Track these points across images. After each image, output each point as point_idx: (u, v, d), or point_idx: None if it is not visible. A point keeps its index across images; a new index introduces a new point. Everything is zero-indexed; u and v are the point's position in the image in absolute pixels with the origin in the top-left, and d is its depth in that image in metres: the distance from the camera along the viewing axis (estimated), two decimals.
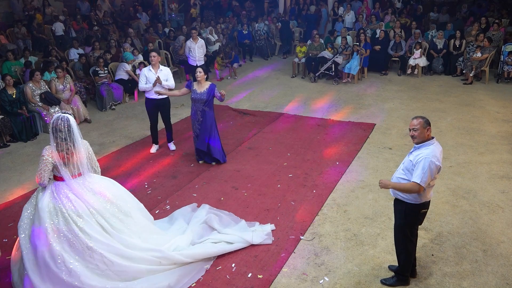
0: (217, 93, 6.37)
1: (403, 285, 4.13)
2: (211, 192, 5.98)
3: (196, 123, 6.54)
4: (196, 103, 6.44)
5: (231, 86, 11.43)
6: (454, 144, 7.36)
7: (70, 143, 3.80)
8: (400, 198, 3.92)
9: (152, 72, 6.98)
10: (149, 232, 4.33)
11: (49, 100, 8.41)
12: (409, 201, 3.84)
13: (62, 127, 3.77)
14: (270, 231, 4.94)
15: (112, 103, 9.80)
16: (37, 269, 3.79)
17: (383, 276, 4.28)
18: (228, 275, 4.31)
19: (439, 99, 9.82)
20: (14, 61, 9.73)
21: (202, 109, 6.42)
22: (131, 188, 6.12)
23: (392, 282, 4.14)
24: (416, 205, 3.85)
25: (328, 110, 9.35)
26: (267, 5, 17.84)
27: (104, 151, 7.53)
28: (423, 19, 14.62)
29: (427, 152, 3.71)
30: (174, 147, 7.44)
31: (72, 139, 3.81)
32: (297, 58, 12.38)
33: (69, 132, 3.79)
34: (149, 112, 7.21)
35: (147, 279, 4.04)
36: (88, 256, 3.82)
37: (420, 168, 3.65)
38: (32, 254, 3.81)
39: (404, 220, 3.95)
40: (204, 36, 12.85)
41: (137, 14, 15.01)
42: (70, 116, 3.87)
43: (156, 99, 6.96)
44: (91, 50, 11.09)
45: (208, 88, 6.39)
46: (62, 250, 3.77)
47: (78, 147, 3.86)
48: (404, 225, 3.97)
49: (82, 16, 13.89)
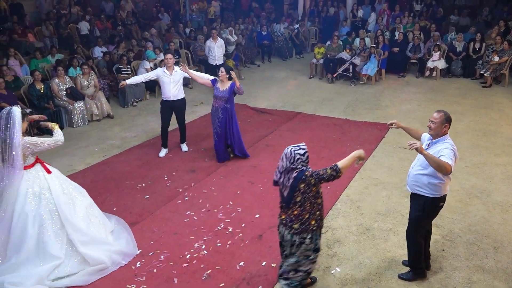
0: (236, 87, 6.57)
1: (420, 278, 4.21)
2: (228, 185, 6.18)
3: (217, 120, 6.72)
4: (218, 100, 6.64)
5: (248, 86, 11.62)
6: (470, 145, 7.40)
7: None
8: (419, 192, 3.98)
9: (166, 74, 6.94)
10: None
11: (74, 95, 8.75)
12: (429, 194, 3.91)
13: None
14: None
15: (133, 100, 10.10)
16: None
17: (393, 269, 4.39)
18: (244, 263, 4.49)
19: (457, 101, 9.82)
20: (42, 59, 10.12)
21: (224, 106, 6.62)
22: (151, 179, 6.38)
23: (409, 276, 4.23)
24: (435, 199, 3.93)
25: (345, 110, 9.45)
26: (286, 7, 18.01)
27: (126, 145, 7.80)
28: (443, 22, 14.58)
29: (447, 144, 3.81)
30: (186, 148, 7.45)
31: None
32: (315, 59, 12.50)
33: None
34: (162, 113, 7.16)
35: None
36: None
37: (447, 153, 3.69)
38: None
39: (422, 213, 4.02)
40: (224, 36, 13.09)
41: (159, 15, 15.37)
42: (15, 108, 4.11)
43: (172, 100, 7.01)
44: (115, 48, 11.44)
45: (229, 86, 6.60)
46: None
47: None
48: (421, 218, 4.05)
49: (106, 16, 14.32)
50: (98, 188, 6.10)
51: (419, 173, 3.95)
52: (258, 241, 4.88)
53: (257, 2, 17.90)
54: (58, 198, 4.29)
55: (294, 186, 3.53)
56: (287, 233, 3.66)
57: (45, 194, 4.25)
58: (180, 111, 7.21)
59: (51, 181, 4.32)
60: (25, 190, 4.17)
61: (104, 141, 8.01)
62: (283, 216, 3.69)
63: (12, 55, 9.62)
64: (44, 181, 4.28)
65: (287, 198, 3.60)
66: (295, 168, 3.55)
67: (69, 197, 4.41)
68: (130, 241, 4.79)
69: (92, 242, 4.40)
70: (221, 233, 5.04)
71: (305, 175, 3.53)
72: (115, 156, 7.33)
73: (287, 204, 3.62)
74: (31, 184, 4.21)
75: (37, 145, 4.16)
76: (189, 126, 8.52)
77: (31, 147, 4.13)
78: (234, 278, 4.30)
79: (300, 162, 3.57)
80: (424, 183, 3.90)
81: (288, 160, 3.57)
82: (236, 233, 5.04)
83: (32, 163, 4.27)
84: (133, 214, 5.47)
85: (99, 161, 7.13)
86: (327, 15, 16.07)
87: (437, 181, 3.85)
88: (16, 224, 4.13)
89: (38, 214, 4.19)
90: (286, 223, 3.66)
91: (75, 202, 4.45)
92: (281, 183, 3.65)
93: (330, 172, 3.58)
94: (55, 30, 12.64)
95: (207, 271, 4.40)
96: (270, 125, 8.58)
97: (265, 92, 11.05)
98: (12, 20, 12.08)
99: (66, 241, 4.29)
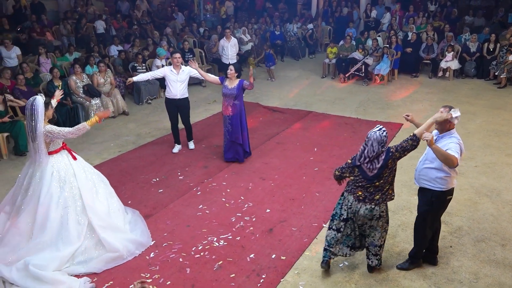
0: (245, 82, 6.63)
1: (416, 267, 4.34)
2: (239, 181, 6.31)
3: (227, 118, 6.84)
4: (226, 97, 6.75)
5: (261, 85, 11.74)
6: (481, 145, 7.41)
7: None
8: (427, 186, 4.07)
9: (173, 72, 7.04)
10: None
11: (91, 92, 8.97)
12: (437, 188, 4.00)
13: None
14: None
15: (148, 98, 10.31)
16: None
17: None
18: (254, 255, 4.61)
19: (470, 101, 9.81)
20: (61, 57, 10.38)
21: (233, 103, 6.73)
22: (165, 174, 6.55)
23: (406, 266, 4.36)
24: (443, 192, 4.02)
25: (356, 109, 9.51)
26: (300, 7, 18.09)
27: (141, 141, 7.99)
28: (457, 22, 14.51)
29: (454, 139, 3.90)
30: (193, 146, 7.55)
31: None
32: (328, 59, 12.57)
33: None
34: (169, 112, 7.29)
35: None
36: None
37: (453, 147, 3.80)
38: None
39: (431, 207, 4.10)
40: (237, 36, 13.23)
41: (173, 15, 15.59)
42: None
43: (175, 99, 7.11)
44: (130, 47, 11.67)
45: (237, 83, 6.69)
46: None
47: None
48: (430, 211, 4.13)
49: (122, 16, 14.58)
50: (114, 182, 6.21)
51: (426, 167, 4.04)
52: (268, 234, 5.00)
53: (271, 2, 18.02)
54: (82, 183, 4.52)
55: (383, 166, 3.83)
56: (364, 208, 3.93)
57: (69, 178, 4.49)
58: (185, 109, 7.30)
59: (76, 167, 4.57)
60: (50, 173, 4.41)
61: (120, 137, 8.21)
62: (359, 192, 3.95)
63: (43, 53, 9.90)
64: (69, 166, 4.53)
65: (372, 177, 3.87)
66: (384, 150, 3.84)
67: (93, 184, 4.65)
68: (145, 232, 4.96)
69: (110, 228, 4.60)
70: (232, 226, 5.18)
71: (392, 152, 3.86)
72: (130, 151, 7.52)
73: (371, 181, 3.87)
74: (56, 169, 4.46)
75: (53, 133, 4.36)
76: (202, 124, 8.72)
77: (49, 135, 4.36)
78: (245, 269, 4.43)
79: (386, 141, 3.86)
80: (432, 177, 3.99)
81: (380, 145, 3.83)
82: (247, 226, 5.17)
83: (58, 149, 4.52)
84: (148, 207, 5.63)
85: (115, 156, 7.33)
86: (340, 15, 16.11)
87: (443, 175, 3.94)
88: (41, 205, 4.36)
89: (62, 197, 4.42)
90: (364, 198, 3.93)
91: (97, 189, 4.69)
92: (366, 167, 3.87)
93: (411, 142, 3.85)
94: (72, 29, 12.93)
95: (218, 262, 4.54)
96: (282, 124, 8.69)
97: (278, 91, 11.16)
98: (31, 19, 12.40)
99: (87, 226, 4.50)
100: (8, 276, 4.18)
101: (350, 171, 4.02)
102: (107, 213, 4.66)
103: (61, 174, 4.46)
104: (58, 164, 4.48)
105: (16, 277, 4.17)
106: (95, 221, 4.50)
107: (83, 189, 4.51)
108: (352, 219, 4.08)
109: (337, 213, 4.16)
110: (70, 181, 4.48)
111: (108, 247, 4.53)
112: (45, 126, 4.35)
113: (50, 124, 4.44)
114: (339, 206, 4.17)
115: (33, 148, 4.40)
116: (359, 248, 4.29)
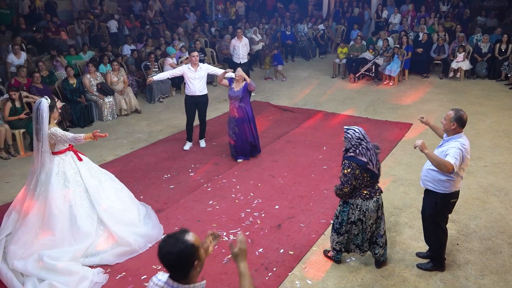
0: (248, 84, 6.64)
1: (438, 270, 4.34)
2: (249, 178, 6.41)
3: (233, 120, 6.84)
4: (232, 100, 6.77)
5: (272, 85, 11.84)
6: (490, 145, 7.42)
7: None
8: (431, 188, 4.11)
9: (191, 70, 7.21)
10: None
11: (104, 90, 9.16)
12: (440, 190, 4.03)
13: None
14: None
15: (160, 96, 10.47)
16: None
17: (407, 259, 4.54)
18: (262, 250, 4.71)
19: (480, 102, 9.79)
20: (75, 55, 10.60)
21: (238, 105, 6.74)
22: (176, 170, 6.68)
23: (428, 267, 4.37)
24: (446, 195, 4.04)
25: (366, 109, 9.56)
26: (311, 7, 18.15)
27: (152, 138, 8.14)
28: (469, 23, 14.44)
29: (457, 143, 3.92)
30: (204, 144, 7.68)
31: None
32: (338, 59, 12.62)
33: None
34: (187, 108, 7.44)
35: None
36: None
37: (453, 152, 3.82)
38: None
39: (435, 209, 4.14)
40: (248, 36, 13.34)
41: (185, 15, 15.77)
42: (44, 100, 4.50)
43: (195, 96, 7.28)
44: (143, 46, 11.85)
45: (243, 86, 6.71)
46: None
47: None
48: (435, 214, 4.17)
49: (135, 15, 14.80)
50: (126, 178, 6.42)
51: (429, 168, 4.08)
52: (276, 230, 5.10)
53: (282, 2, 18.11)
54: (88, 181, 4.69)
55: (378, 160, 4.10)
56: (372, 202, 4.08)
57: (75, 177, 4.66)
58: (203, 106, 7.47)
59: (81, 166, 4.74)
60: (55, 173, 4.59)
61: (132, 135, 8.37)
62: (365, 191, 4.07)
63: (55, 55, 10.12)
64: (74, 166, 4.71)
65: (378, 174, 4.09)
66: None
67: (98, 181, 4.81)
68: (157, 225, 5.09)
69: (121, 222, 4.74)
70: (241, 221, 5.28)
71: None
72: (142, 148, 7.67)
73: (377, 178, 4.10)
74: (61, 168, 4.63)
75: (57, 136, 4.52)
76: (213, 122, 8.84)
77: (53, 137, 4.53)
78: (253, 263, 4.53)
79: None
80: (434, 179, 4.03)
81: (367, 138, 4.05)
82: (256, 222, 5.27)
83: (63, 149, 4.69)
84: (159, 202, 5.77)
85: (127, 153, 7.49)
86: (351, 16, 16.14)
87: (445, 178, 3.96)
88: (48, 203, 4.51)
89: (68, 195, 4.57)
90: (370, 194, 4.08)
91: (103, 186, 4.84)
92: (375, 166, 4.03)
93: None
94: (86, 29, 13.17)
95: (227, 255, 4.64)
96: (292, 122, 8.78)
97: (288, 90, 11.25)
98: (46, 19, 12.66)
99: (97, 221, 4.64)
100: (23, 269, 4.32)
101: (356, 177, 3.97)
102: (117, 208, 4.81)
103: (67, 173, 4.63)
104: (64, 164, 4.65)
105: (30, 269, 4.30)
106: (105, 216, 4.66)
107: (89, 187, 4.68)
108: (361, 220, 4.14)
109: (344, 220, 4.20)
110: (76, 179, 4.65)
111: (120, 241, 4.67)
112: (50, 128, 4.52)
113: (56, 127, 4.60)
114: (344, 213, 4.19)
115: (38, 148, 4.55)
116: (367, 251, 4.34)
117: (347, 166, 3.97)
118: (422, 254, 4.56)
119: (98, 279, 4.30)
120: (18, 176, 6.70)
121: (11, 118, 7.47)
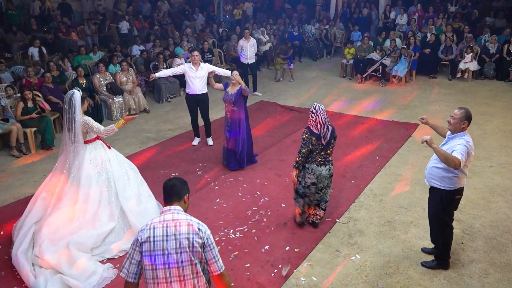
0: (242, 88, 6.52)
1: (443, 269, 4.38)
2: (256, 177, 6.49)
3: (227, 123, 6.73)
4: (226, 103, 6.69)
5: (279, 85, 11.90)
6: (497, 145, 7.42)
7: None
8: (436, 186, 4.16)
9: (192, 69, 7.34)
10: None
11: (113, 90, 9.30)
12: (445, 187, 4.08)
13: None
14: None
15: (168, 96, 10.59)
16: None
17: (412, 258, 4.58)
18: (268, 247, 4.79)
19: (488, 103, 9.78)
20: (85, 56, 10.77)
21: (231, 109, 6.64)
22: (184, 169, 6.78)
23: (432, 265, 4.41)
24: (451, 191, 4.09)
25: (373, 109, 9.59)
26: (319, 8, 18.18)
27: (161, 138, 8.25)
28: (477, 24, 14.39)
29: (462, 140, 3.96)
30: (212, 142, 7.75)
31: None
32: (345, 60, 12.65)
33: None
34: (189, 107, 7.63)
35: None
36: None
37: (459, 149, 3.87)
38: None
39: (441, 207, 4.19)
40: (256, 36, 13.42)
41: (193, 15, 15.89)
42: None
43: (195, 94, 7.40)
44: (152, 47, 11.98)
45: (237, 89, 6.58)
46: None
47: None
48: (441, 212, 4.22)
49: (144, 16, 14.96)
50: None
51: (434, 166, 4.13)
52: (282, 227, 5.17)
53: (290, 3, 18.17)
54: (116, 169, 4.92)
55: (332, 133, 4.80)
56: (325, 169, 4.81)
57: (105, 164, 4.88)
58: (204, 104, 7.60)
59: (110, 154, 4.99)
60: (88, 160, 4.82)
61: (141, 134, 8.49)
62: (319, 159, 4.78)
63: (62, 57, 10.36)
64: (104, 153, 4.94)
65: (326, 144, 4.75)
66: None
67: (125, 171, 5.01)
68: None
69: (141, 214, 4.90)
70: (248, 219, 5.36)
71: (335, 135, 4.88)
72: (151, 147, 7.79)
73: (325, 148, 4.75)
74: (93, 155, 4.86)
75: (89, 124, 4.72)
76: (220, 122, 8.90)
77: (85, 125, 4.72)
78: (259, 259, 4.61)
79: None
80: (439, 176, 4.07)
81: (325, 115, 4.79)
82: (262, 220, 5.35)
83: (93, 138, 4.91)
84: None
85: (136, 151, 7.61)
86: (359, 16, 16.15)
87: (450, 175, 4.01)
88: (82, 187, 4.72)
89: (100, 180, 4.80)
90: (323, 162, 4.79)
91: (129, 176, 5.03)
92: (323, 134, 4.72)
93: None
94: (96, 29, 13.35)
95: (234, 252, 4.73)
96: (298, 122, 8.83)
97: (295, 91, 11.31)
98: (57, 19, 12.86)
99: (120, 209, 4.85)
100: (48, 258, 4.39)
101: (310, 142, 4.68)
102: (138, 199, 4.99)
103: (98, 160, 4.85)
104: (95, 151, 4.88)
105: (51, 259, 4.39)
106: (127, 206, 4.85)
107: (116, 175, 4.89)
108: (314, 183, 4.80)
109: (300, 183, 4.88)
110: (106, 167, 4.87)
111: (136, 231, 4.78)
112: (83, 117, 4.72)
113: (87, 116, 4.80)
114: (300, 178, 4.87)
115: (69, 139, 4.73)
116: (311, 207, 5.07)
117: (305, 132, 4.76)
118: (427, 250, 4.61)
119: (107, 274, 4.41)
120: (29, 173, 6.84)
121: (23, 117, 7.62)
